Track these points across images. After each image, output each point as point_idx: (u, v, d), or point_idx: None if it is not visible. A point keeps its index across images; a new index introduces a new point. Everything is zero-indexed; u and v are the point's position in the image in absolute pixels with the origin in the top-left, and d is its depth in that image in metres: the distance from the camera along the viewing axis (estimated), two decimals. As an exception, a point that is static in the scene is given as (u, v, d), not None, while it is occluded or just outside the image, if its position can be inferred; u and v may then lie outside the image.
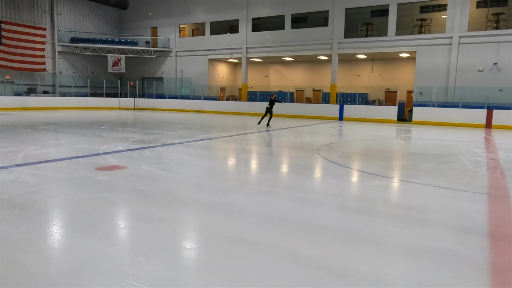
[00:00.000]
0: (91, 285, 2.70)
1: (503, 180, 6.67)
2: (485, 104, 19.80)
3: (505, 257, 3.35)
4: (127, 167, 6.83)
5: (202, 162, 8.05)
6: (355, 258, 3.27)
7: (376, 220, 4.40)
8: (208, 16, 29.16)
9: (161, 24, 31.27)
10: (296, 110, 24.55)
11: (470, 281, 2.89)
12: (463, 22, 20.70)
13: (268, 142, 11.83)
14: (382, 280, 2.88)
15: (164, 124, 17.26)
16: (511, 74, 19.65)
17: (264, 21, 27.88)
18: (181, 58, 30.68)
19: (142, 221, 4.09)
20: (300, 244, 3.54)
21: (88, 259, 3.10)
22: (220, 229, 3.85)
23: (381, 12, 23.90)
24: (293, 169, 7.72)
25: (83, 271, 2.90)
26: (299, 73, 29.99)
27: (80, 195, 5.04)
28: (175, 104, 28.96)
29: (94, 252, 3.24)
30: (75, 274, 2.86)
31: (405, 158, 9.77)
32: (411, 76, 23.92)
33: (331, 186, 6.12)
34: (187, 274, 2.92)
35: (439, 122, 19.96)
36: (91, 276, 2.82)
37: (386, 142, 12.52)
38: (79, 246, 3.37)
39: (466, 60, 20.73)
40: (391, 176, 7.13)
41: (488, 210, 4.84)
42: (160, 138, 11.45)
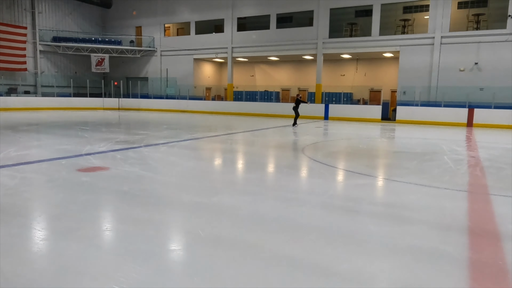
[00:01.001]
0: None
1: (483, 178, 6.81)
2: (467, 103, 20.19)
3: (484, 254, 3.41)
4: (110, 168, 6.73)
5: (187, 163, 8.00)
6: (338, 257, 3.29)
7: (359, 219, 4.44)
8: (193, 15, 29.00)
9: (145, 23, 30.95)
10: (282, 110, 24.58)
11: (450, 278, 2.93)
12: (444, 23, 21.06)
13: (254, 142, 11.82)
14: (365, 279, 2.90)
15: (149, 124, 17.10)
16: (491, 74, 20.09)
17: (250, 21, 27.86)
18: (166, 57, 30.43)
19: (125, 223, 4.03)
20: (284, 244, 3.54)
21: (69, 263, 3.04)
22: (204, 230, 3.83)
23: (365, 12, 24.14)
24: (278, 168, 7.73)
25: (63, 275, 2.84)
26: (284, 73, 30.08)
27: (61, 197, 4.95)
28: (160, 104, 28.71)
29: (75, 255, 3.18)
30: (54, 278, 2.80)
31: (389, 157, 9.88)
32: (395, 76, 24.23)
33: (315, 185, 6.15)
34: (171, 276, 2.89)
35: (422, 121, 20.27)
36: (72, 281, 2.76)
37: (370, 141, 12.65)
38: (59, 250, 3.30)
39: (448, 60, 21.10)
40: (375, 175, 7.20)
41: (468, 208, 4.93)
42: (144, 138, 11.33)
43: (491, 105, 19.47)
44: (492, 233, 3.94)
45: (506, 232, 3.95)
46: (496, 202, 5.20)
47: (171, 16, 30.03)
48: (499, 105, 19.35)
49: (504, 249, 3.50)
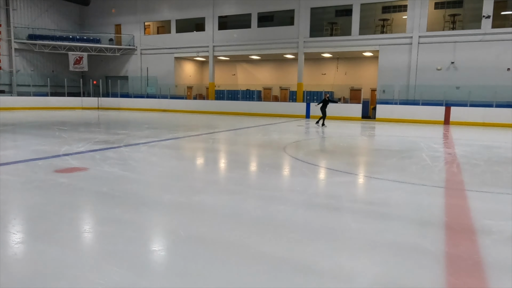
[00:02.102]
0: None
1: (459, 174, 6.98)
2: (443, 101, 20.69)
3: (460, 248, 3.50)
4: (89, 169, 6.61)
5: (168, 162, 7.92)
6: (320, 254, 3.32)
7: (340, 216, 4.49)
8: (174, 13, 28.71)
9: (125, 21, 30.47)
10: (263, 109, 24.65)
11: (428, 272, 3.00)
12: (422, 23, 21.50)
13: (236, 141, 11.80)
14: (346, 275, 2.94)
15: (129, 123, 16.85)
16: (467, 73, 20.63)
17: (231, 20, 27.78)
18: (146, 56, 30.04)
19: (104, 224, 3.96)
20: (267, 242, 3.55)
21: (46, 267, 2.96)
22: (186, 230, 3.80)
23: (345, 12, 24.41)
24: (260, 167, 7.74)
25: (40, 280, 2.77)
26: (266, 72, 30.13)
27: (38, 199, 4.82)
28: (140, 104, 28.34)
29: (52, 259, 3.10)
30: (31, 283, 2.73)
31: (369, 155, 10.03)
32: (374, 75, 24.59)
33: (297, 184, 6.19)
34: (153, 277, 2.85)
35: (401, 119, 20.66)
36: (49, 285, 2.70)
37: (351, 139, 12.81)
38: (35, 253, 3.22)
39: (426, 59, 21.56)
40: (356, 173, 7.29)
41: (445, 203, 5.05)
42: (124, 138, 11.16)
43: (467, 103, 20.01)
44: (468, 228, 4.05)
45: (481, 227, 4.06)
46: (472, 197, 5.34)
47: (151, 14, 29.66)
48: (474, 103, 19.90)
49: (479, 244, 3.60)
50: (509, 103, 19.44)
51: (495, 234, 3.85)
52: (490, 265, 3.13)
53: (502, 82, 19.80)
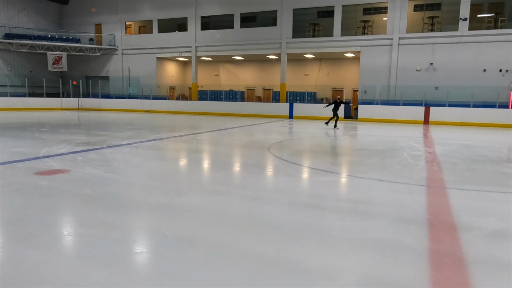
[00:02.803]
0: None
1: (439, 172, 7.15)
2: (423, 102, 21.13)
3: (442, 244, 3.59)
4: (70, 171, 6.48)
5: (152, 164, 7.84)
6: (307, 253, 3.35)
7: (325, 215, 4.54)
8: (156, 13, 28.42)
9: (105, 21, 29.98)
10: (247, 109, 24.66)
11: (412, 268, 3.06)
12: (402, 24, 21.91)
13: (220, 142, 11.77)
14: (332, 273, 2.97)
15: (111, 124, 16.59)
16: (445, 74, 21.13)
17: (213, 20, 27.69)
18: (127, 56, 29.64)
19: (88, 227, 3.90)
20: (253, 242, 3.56)
21: (27, 271, 2.90)
22: (172, 231, 3.78)
23: (327, 13, 24.66)
24: (245, 167, 7.75)
25: (22, 283, 2.71)
26: (249, 72, 30.15)
27: (18, 202, 4.70)
28: (122, 104, 27.93)
29: (35, 262, 3.04)
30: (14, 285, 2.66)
31: (352, 154, 10.17)
32: (356, 75, 24.92)
33: (282, 184, 6.22)
34: (139, 279, 2.83)
35: (382, 119, 21.00)
36: None
37: (334, 139, 12.95)
38: (17, 257, 3.14)
39: (406, 60, 21.97)
40: (339, 172, 7.38)
41: (427, 201, 5.17)
42: (106, 139, 10.99)
43: (445, 103, 20.50)
44: (449, 224, 4.15)
45: (462, 224, 4.17)
46: (452, 195, 5.48)
47: (133, 14, 29.28)
48: (452, 103, 20.40)
49: (461, 239, 3.70)
50: (486, 103, 20.01)
51: (475, 230, 3.96)
52: (472, 260, 3.22)
53: (479, 83, 20.36)
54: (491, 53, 20.19)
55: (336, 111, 16.52)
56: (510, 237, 3.85)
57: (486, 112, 19.33)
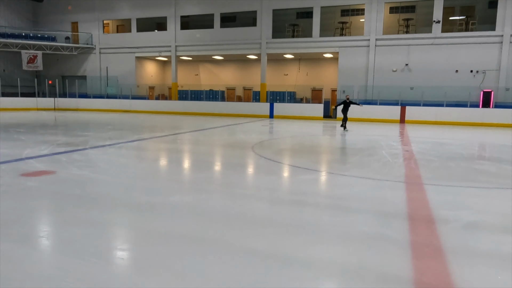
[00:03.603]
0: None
1: (417, 169, 7.51)
2: (399, 101, 21.79)
3: (422, 236, 3.86)
4: (57, 172, 6.47)
5: (138, 164, 7.89)
6: (296, 246, 3.54)
7: (311, 211, 4.76)
8: (134, 12, 28.12)
9: (82, 19, 29.42)
10: (227, 109, 24.77)
11: (395, 258, 3.31)
12: (378, 26, 22.51)
13: (203, 141, 11.87)
14: (321, 265, 3.18)
15: (91, 125, 16.39)
16: (420, 74, 21.85)
17: (193, 19, 27.65)
18: (105, 55, 29.20)
19: (79, 226, 3.96)
20: (245, 237, 3.74)
21: (24, 270, 2.97)
22: (165, 229, 3.90)
23: (306, 14, 25.05)
24: (230, 166, 7.90)
25: (11, 283, 2.80)
26: (229, 72, 30.24)
27: (7, 203, 4.70)
28: (100, 104, 27.52)
29: (28, 261, 3.11)
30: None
31: (333, 153, 10.47)
32: (335, 75, 25.40)
33: (267, 182, 6.40)
34: (137, 273, 2.94)
35: (361, 118, 21.49)
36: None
37: (315, 138, 13.25)
38: (7, 256, 3.21)
39: (382, 61, 22.59)
40: (322, 170, 7.64)
41: (406, 196, 5.47)
42: (88, 140, 10.91)
43: (420, 103, 21.21)
44: (427, 218, 4.44)
45: (439, 216, 4.47)
46: (429, 190, 5.80)
47: (111, 12, 28.87)
48: (427, 103, 21.14)
49: (438, 231, 3.98)
50: (458, 102, 20.82)
51: (451, 223, 4.26)
52: (449, 250, 3.49)
53: (452, 83, 21.16)
54: (462, 54, 21.02)
55: (346, 112, 15.77)
56: (483, 228, 4.17)
57: (458, 111, 20.13)
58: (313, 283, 2.86)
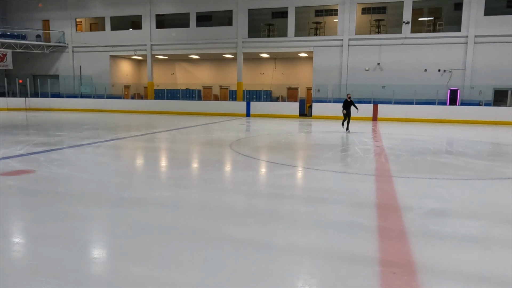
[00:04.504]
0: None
1: (386, 163, 7.95)
2: (371, 100, 22.50)
3: (388, 222, 4.22)
4: (36, 171, 6.52)
5: (118, 162, 7.99)
6: (275, 234, 3.82)
7: (288, 202, 5.06)
8: (108, 10, 27.73)
9: (53, 17, 28.76)
10: (204, 108, 24.86)
11: (364, 241, 3.64)
12: (351, 26, 23.15)
13: (181, 140, 12.00)
14: (298, 249, 3.47)
15: (66, 125, 16.19)
16: (391, 73, 22.63)
17: (169, 18, 27.55)
18: (79, 54, 28.66)
19: (66, 220, 4.11)
20: (227, 227, 3.99)
21: (22, 264, 3.13)
22: (150, 221, 4.11)
23: (281, 14, 25.43)
24: (209, 163, 8.10)
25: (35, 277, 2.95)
26: (206, 71, 30.29)
27: (-9, 201, 4.78)
28: (74, 104, 27.02)
29: (28, 254, 3.26)
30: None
31: (309, 149, 10.84)
32: (310, 74, 25.91)
33: (246, 177, 6.67)
34: (131, 260, 3.15)
35: (335, 116, 22.02)
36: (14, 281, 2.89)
37: (291, 136, 13.61)
38: (10, 249, 3.34)
39: (355, 60, 23.25)
40: (298, 165, 7.97)
41: (376, 188, 5.86)
42: (65, 139, 10.86)
43: (392, 101, 21.98)
44: (394, 206, 4.82)
45: (404, 205, 4.85)
46: (397, 182, 6.22)
47: (83, 10, 28.36)
48: (398, 101, 21.92)
49: (403, 218, 4.36)
50: (427, 100, 21.71)
51: (415, 210, 4.65)
52: (412, 233, 3.85)
53: (421, 82, 22.03)
54: (431, 54, 21.92)
55: (348, 110, 14.96)
56: (442, 214, 4.58)
57: (427, 109, 21.01)
58: (289, 265, 3.14)
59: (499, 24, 20.80)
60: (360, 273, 2.98)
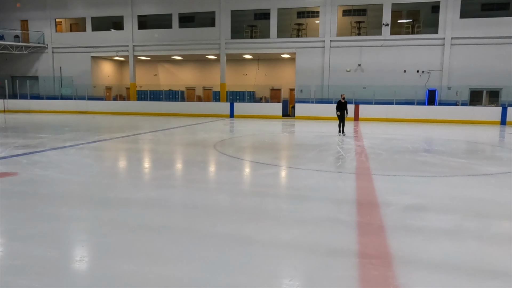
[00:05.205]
0: None
1: (367, 162, 8.20)
2: (353, 100, 22.89)
3: (367, 217, 4.42)
4: (19, 173, 6.49)
5: (103, 163, 7.99)
6: (260, 230, 3.97)
7: (271, 200, 5.21)
8: (89, 10, 27.40)
9: (32, 17, 28.24)
10: (188, 109, 24.83)
11: (344, 235, 3.82)
12: (332, 28, 23.54)
13: (165, 141, 12.03)
14: (282, 244, 3.62)
15: (47, 127, 15.97)
16: (372, 74, 23.12)
17: (151, 19, 27.42)
18: (59, 55, 28.22)
19: (51, 221, 4.16)
20: (213, 225, 4.11)
21: (15, 264, 3.18)
22: (134, 221, 4.19)
23: (264, 16, 25.65)
24: (194, 164, 8.20)
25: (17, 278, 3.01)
26: (189, 72, 30.24)
27: (-25, 203, 4.77)
28: (55, 105, 26.57)
29: (8, 253, 3.31)
30: (2, 272, 2.96)
31: (292, 149, 11.04)
32: (292, 75, 26.20)
33: (231, 176, 6.79)
34: (126, 260, 3.24)
35: (317, 116, 22.40)
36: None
37: (274, 136, 13.79)
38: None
39: (337, 62, 23.64)
40: (281, 165, 8.14)
41: (356, 185, 6.07)
42: (47, 142, 10.76)
43: (372, 101, 22.43)
44: (373, 202, 5.03)
45: (383, 201, 5.07)
46: (376, 180, 6.45)
47: (63, 10, 27.94)
48: (378, 101, 22.40)
49: (381, 213, 4.56)
50: (407, 100, 22.25)
51: (393, 206, 4.86)
52: (389, 227, 4.05)
53: (400, 83, 22.58)
54: (410, 55, 22.49)
55: (342, 112, 13.90)
56: (418, 209, 4.81)
57: (406, 109, 21.54)
58: (273, 259, 3.29)
59: (474, 26, 21.52)
60: (340, 265, 3.15)
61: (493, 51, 21.31)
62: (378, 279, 2.89)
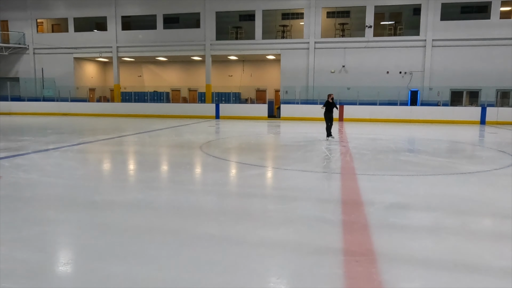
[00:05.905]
0: None
1: (351, 162, 8.34)
2: (337, 101, 23.14)
3: (352, 215, 4.52)
4: (2, 177, 6.39)
5: (88, 166, 7.93)
6: (247, 230, 4.02)
7: (258, 201, 5.27)
8: (71, 11, 27.00)
9: (12, 17, 27.67)
10: (173, 110, 24.71)
11: (330, 234, 3.90)
12: (317, 30, 23.77)
13: (151, 143, 11.97)
14: (269, 243, 3.68)
15: (29, 129, 15.69)
16: (356, 75, 23.43)
17: (135, 20, 27.19)
18: (40, 56, 27.72)
19: (38, 224, 4.13)
20: (201, 226, 4.14)
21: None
22: (122, 223, 4.19)
23: (249, 17, 25.72)
24: (180, 165, 8.20)
25: None
26: (174, 73, 30.09)
27: (-43, 208, 4.69)
28: (36, 107, 26.08)
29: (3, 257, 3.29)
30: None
31: (278, 150, 11.13)
32: (278, 76, 26.34)
33: (217, 178, 6.83)
34: (114, 263, 3.24)
35: (303, 117, 22.58)
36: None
37: (260, 137, 13.87)
38: (-20, 254, 3.35)
39: (321, 63, 23.89)
40: (267, 165, 8.21)
41: (341, 185, 6.19)
42: (29, 144, 10.59)
43: (357, 102, 22.74)
44: (358, 201, 5.14)
45: (367, 200, 5.18)
46: (361, 179, 6.58)
47: (45, 11, 27.46)
48: (362, 102, 22.72)
49: (366, 212, 4.67)
50: (390, 101, 22.64)
51: (377, 204, 4.98)
52: (373, 226, 4.16)
53: (383, 84, 22.95)
54: (392, 57, 22.89)
55: (329, 114, 12.62)
56: (401, 207, 4.94)
57: (390, 109, 21.92)
58: (261, 258, 3.35)
59: (455, 28, 22.05)
60: (325, 263, 3.23)
61: (473, 52, 21.88)
62: (362, 276, 2.97)
